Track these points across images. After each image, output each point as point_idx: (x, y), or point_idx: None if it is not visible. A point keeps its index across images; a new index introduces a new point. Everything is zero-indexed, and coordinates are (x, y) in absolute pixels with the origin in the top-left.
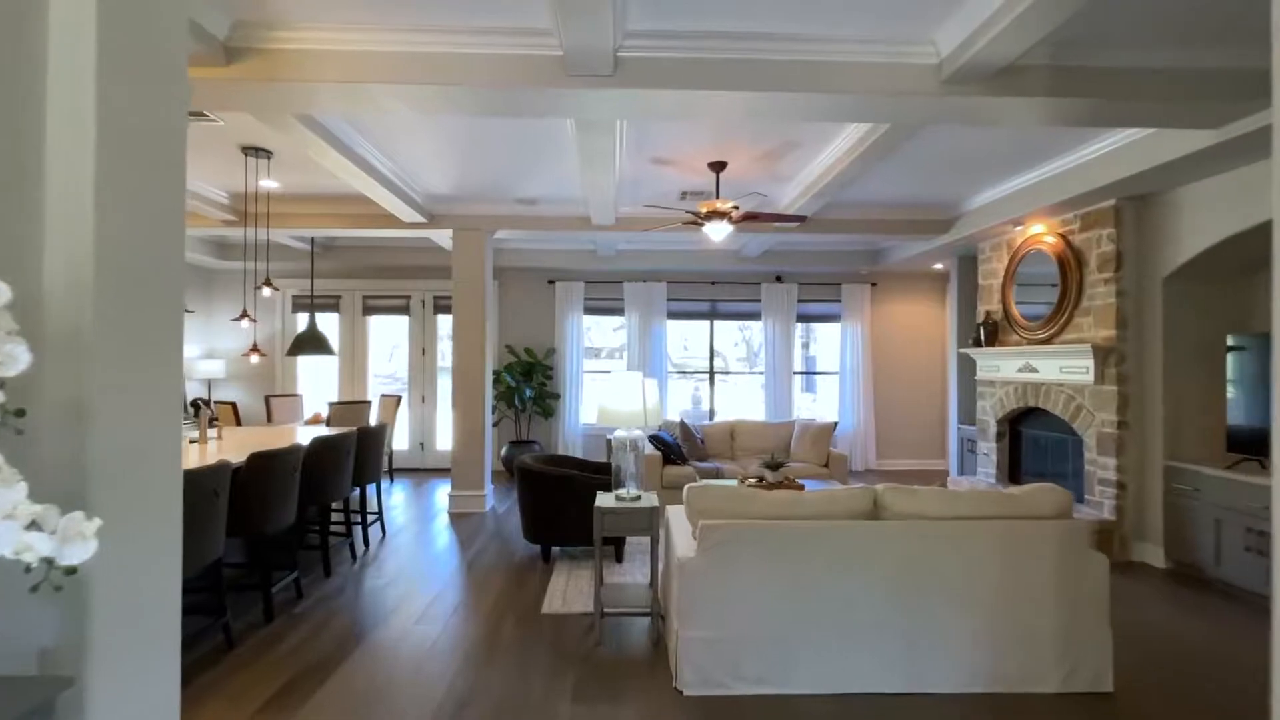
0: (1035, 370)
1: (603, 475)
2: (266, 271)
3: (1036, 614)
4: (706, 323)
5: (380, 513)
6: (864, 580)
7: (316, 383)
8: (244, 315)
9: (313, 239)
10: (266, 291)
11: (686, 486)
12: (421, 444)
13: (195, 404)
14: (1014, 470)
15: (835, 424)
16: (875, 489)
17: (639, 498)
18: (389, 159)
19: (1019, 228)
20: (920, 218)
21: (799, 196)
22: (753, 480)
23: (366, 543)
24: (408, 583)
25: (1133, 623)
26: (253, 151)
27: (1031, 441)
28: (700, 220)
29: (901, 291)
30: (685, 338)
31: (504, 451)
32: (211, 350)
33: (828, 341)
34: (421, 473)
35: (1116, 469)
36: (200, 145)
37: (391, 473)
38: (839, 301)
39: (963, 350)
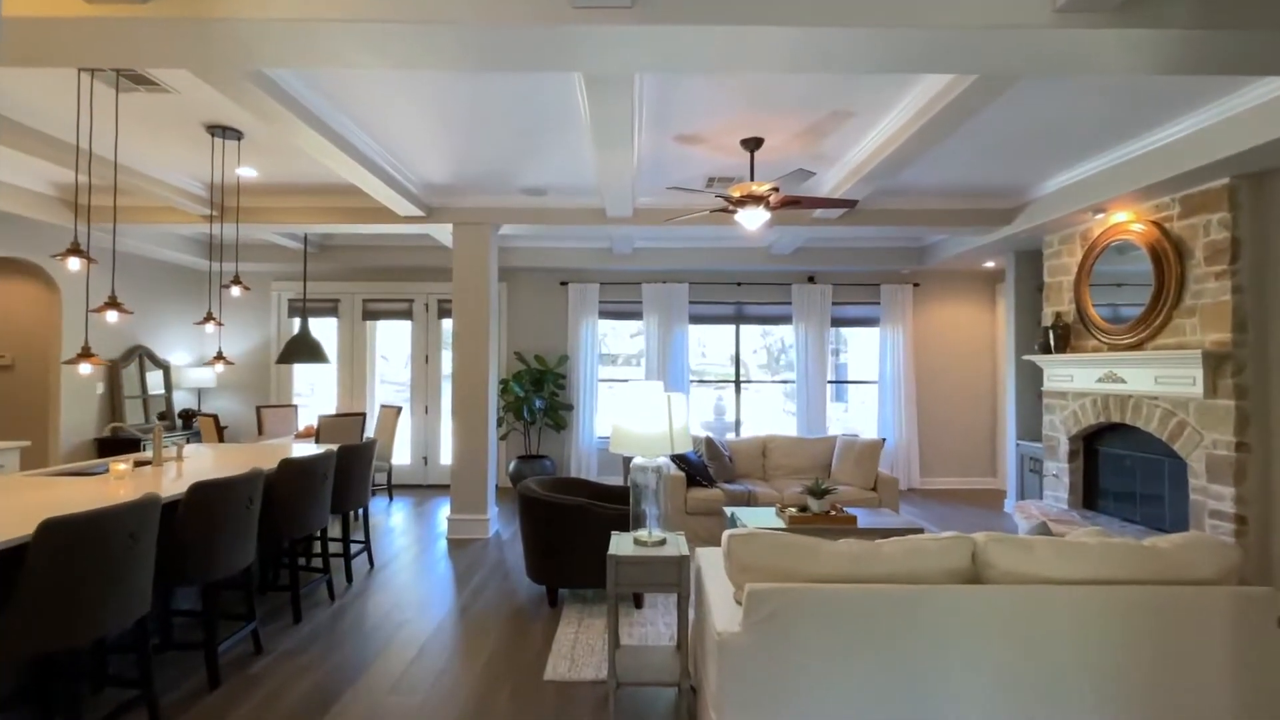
0: (1121, 380)
1: (620, 505)
2: (235, 269)
3: (1203, 715)
4: (731, 327)
5: (367, 541)
6: (964, 668)
7: (317, 392)
8: (209, 318)
9: (305, 236)
10: (235, 291)
11: (727, 535)
12: (425, 459)
13: (184, 415)
14: (1089, 494)
15: (883, 441)
16: (974, 540)
17: (663, 541)
18: (376, 140)
19: (1099, 216)
20: (979, 207)
21: (844, 181)
22: (793, 509)
23: (349, 578)
24: (390, 631)
25: None
26: (219, 131)
27: (1112, 462)
28: (732, 206)
29: (947, 292)
30: (703, 343)
31: (511, 467)
32: (202, 357)
33: (860, 348)
34: (424, 490)
35: (1234, 500)
36: (160, 123)
37: (391, 490)
38: (877, 304)
39: (1026, 357)
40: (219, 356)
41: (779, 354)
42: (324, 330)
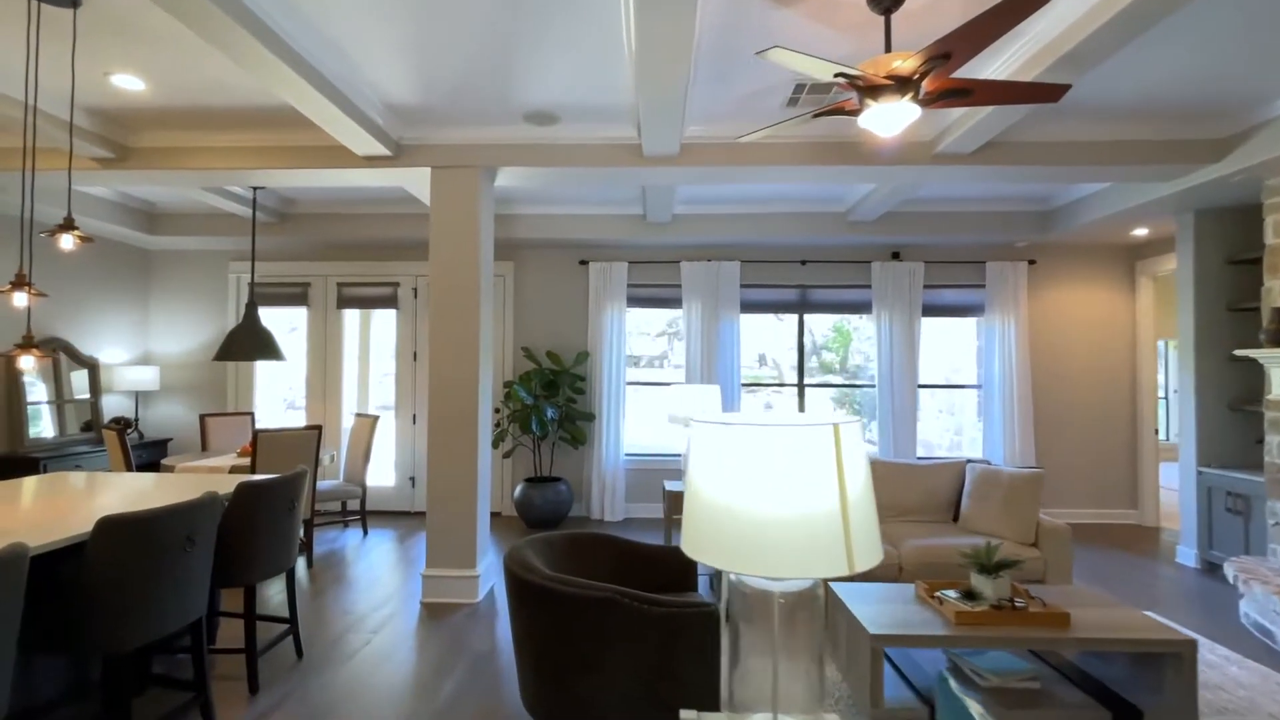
0: None
1: (675, 596)
2: (69, 210)
3: None
4: (791, 316)
5: (293, 622)
6: None
7: (296, 395)
8: (20, 282)
9: (254, 196)
10: (68, 241)
11: None
12: (411, 479)
13: (115, 424)
14: None
15: (1042, 473)
16: None
17: None
18: (288, 17)
19: None
20: (1171, 137)
21: (1016, 73)
22: (953, 595)
23: (254, 687)
24: None
25: None
26: None
27: None
28: (861, 95)
29: (1071, 271)
30: (740, 338)
31: (518, 492)
32: (146, 355)
33: (940, 341)
34: (411, 519)
35: None
36: None
37: (365, 522)
38: (980, 286)
39: (1241, 353)
40: (27, 342)
41: (811, 353)
42: (294, 320)
